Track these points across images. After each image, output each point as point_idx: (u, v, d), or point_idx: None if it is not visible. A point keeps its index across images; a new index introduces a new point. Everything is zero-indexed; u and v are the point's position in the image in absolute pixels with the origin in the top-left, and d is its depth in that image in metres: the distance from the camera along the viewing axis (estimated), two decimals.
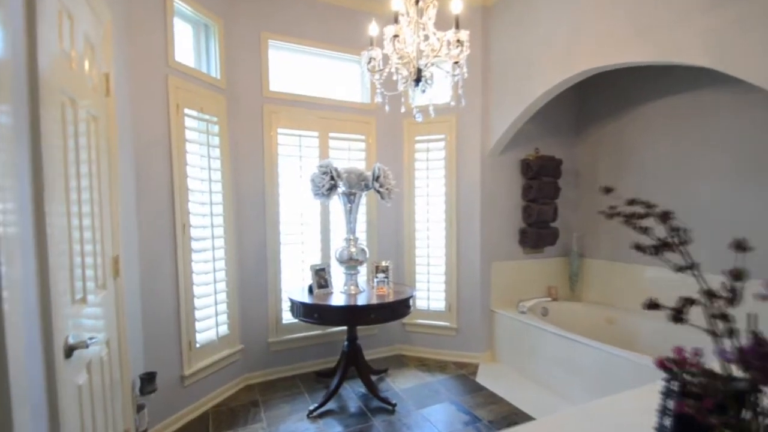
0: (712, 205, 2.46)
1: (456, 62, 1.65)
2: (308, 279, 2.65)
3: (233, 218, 2.63)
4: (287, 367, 2.87)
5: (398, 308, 2.39)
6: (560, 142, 3.28)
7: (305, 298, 2.41)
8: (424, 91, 1.73)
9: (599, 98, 3.18)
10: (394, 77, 1.73)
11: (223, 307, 2.53)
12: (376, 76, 1.71)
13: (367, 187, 2.52)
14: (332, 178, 2.34)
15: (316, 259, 2.90)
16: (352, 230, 2.56)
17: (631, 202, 0.54)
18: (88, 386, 1.22)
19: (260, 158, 2.77)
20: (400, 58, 1.66)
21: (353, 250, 2.51)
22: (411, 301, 2.53)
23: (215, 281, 2.45)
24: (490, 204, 3.03)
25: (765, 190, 2.21)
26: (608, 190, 0.60)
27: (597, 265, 3.21)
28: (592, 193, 3.25)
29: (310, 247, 2.90)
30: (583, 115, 3.29)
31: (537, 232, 3.06)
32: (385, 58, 1.72)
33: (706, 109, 2.47)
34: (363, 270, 2.75)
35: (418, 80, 1.68)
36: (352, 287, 2.54)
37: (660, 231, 0.56)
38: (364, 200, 2.72)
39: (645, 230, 0.53)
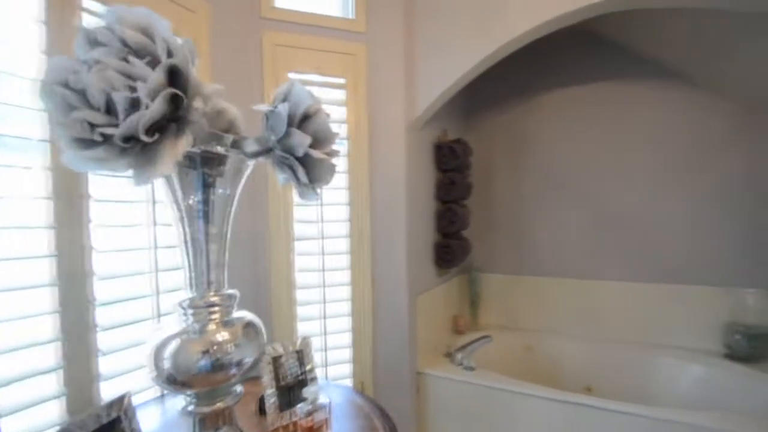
0: (626, 210, 2.29)
1: None
2: None
3: None
4: None
5: None
6: (456, 126, 2.57)
7: None
8: None
9: (491, 79, 2.67)
10: None
11: None
12: None
13: (252, 152, 0.86)
14: (173, 78, 0.62)
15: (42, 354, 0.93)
16: (202, 275, 0.83)
17: None
18: None
19: None
20: None
21: (227, 339, 0.80)
22: None
23: None
24: (414, 206, 1.92)
25: (683, 193, 2.17)
26: None
27: (495, 281, 2.66)
28: (485, 193, 2.68)
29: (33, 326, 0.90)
30: (472, 97, 2.70)
31: (460, 245, 2.19)
32: None
33: (620, 104, 2.30)
34: None
35: None
36: None
37: None
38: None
39: None
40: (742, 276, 2.04)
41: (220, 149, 0.79)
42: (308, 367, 1.00)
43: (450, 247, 2.13)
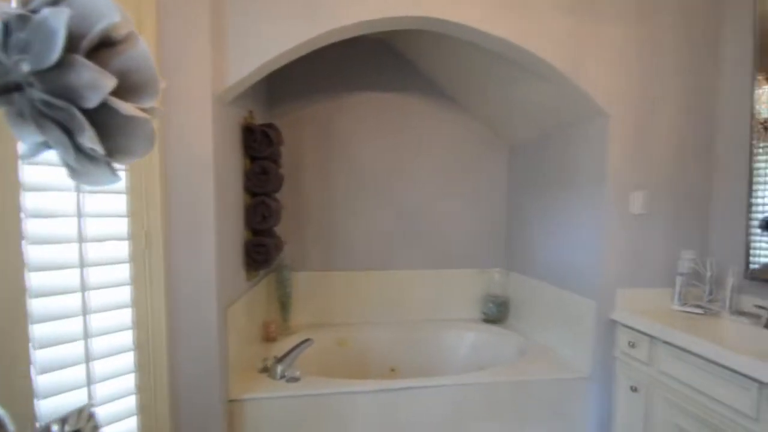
0: (416, 208, 2.61)
1: None
2: None
3: None
4: None
5: None
6: (260, 110, 2.28)
7: None
8: None
9: (298, 68, 2.49)
10: None
11: None
12: None
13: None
14: None
15: None
16: None
17: None
18: None
19: None
20: None
21: None
22: None
23: None
24: (223, 198, 1.54)
25: (452, 194, 2.63)
26: None
27: (305, 278, 2.53)
28: (294, 186, 2.50)
29: None
30: (277, 83, 2.46)
31: (274, 243, 1.93)
32: None
33: (410, 113, 2.57)
34: None
35: None
36: None
37: None
38: None
39: None
40: (490, 259, 2.68)
41: None
42: None
43: (264, 245, 1.86)
